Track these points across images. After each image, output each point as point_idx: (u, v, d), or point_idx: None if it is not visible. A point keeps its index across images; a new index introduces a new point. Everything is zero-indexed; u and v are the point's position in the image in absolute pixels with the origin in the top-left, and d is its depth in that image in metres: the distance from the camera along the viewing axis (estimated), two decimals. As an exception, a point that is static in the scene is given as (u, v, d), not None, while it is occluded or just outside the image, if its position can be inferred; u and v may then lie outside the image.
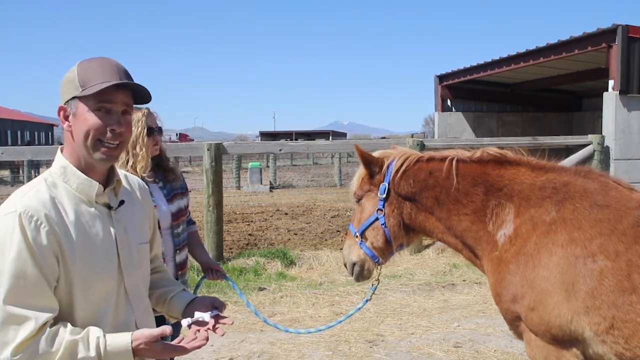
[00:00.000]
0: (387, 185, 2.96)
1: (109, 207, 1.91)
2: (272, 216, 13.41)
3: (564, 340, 2.44)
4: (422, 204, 2.93)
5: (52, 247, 1.71)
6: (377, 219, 3.01)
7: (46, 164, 20.23)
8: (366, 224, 3.05)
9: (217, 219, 8.27)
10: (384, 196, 2.97)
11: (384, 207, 2.98)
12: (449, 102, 15.96)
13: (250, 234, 10.95)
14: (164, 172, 3.31)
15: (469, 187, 2.80)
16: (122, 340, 1.74)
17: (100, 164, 1.85)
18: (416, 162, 2.95)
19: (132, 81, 1.87)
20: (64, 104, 1.84)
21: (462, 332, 5.60)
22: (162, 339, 1.81)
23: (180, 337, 1.88)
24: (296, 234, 10.98)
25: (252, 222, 12.53)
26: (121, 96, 1.84)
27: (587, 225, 2.46)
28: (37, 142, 52.63)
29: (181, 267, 3.30)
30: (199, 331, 1.93)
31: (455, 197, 2.82)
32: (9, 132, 50.58)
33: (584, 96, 16.66)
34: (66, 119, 1.84)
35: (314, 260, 8.50)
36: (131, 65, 1.91)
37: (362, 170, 3.11)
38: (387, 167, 2.99)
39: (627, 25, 9.38)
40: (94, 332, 1.73)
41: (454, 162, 2.85)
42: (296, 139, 44.77)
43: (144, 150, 3.07)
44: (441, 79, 15.84)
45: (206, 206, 8.27)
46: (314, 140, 31.56)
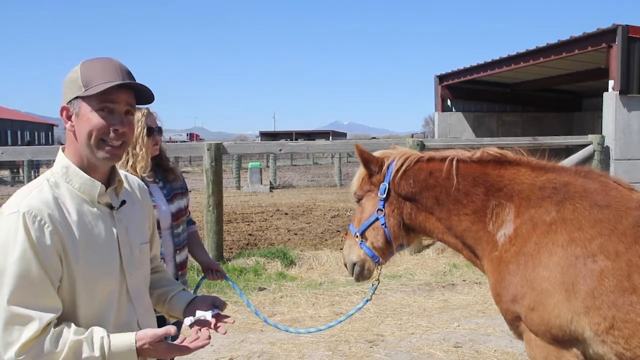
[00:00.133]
0: (387, 185, 2.97)
1: (111, 207, 1.91)
2: (272, 216, 13.41)
3: (564, 340, 2.44)
4: (422, 204, 2.93)
5: (56, 247, 1.71)
6: (377, 219, 3.01)
7: (46, 164, 20.21)
8: (366, 224, 3.05)
9: (217, 219, 8.28)
10: (384, 196, 2.97)
11: (384, 207, 2.98)
12: (449, 102, 15.97)
13: (250, 234, 10.95)
14: (164, 172, 3.31)
15: (469, 187, 2.80)
16: (126, 340, 1.75)
17: (103, 163, 1.86)
18: (416, 162, 2.95)
19: (135, 81, 1.87)
20: (67, 103, 1.84)
21: (462, 332, 5.60)
22: (165, 339, 1.81)
23: (182, 337, 1.88)
24: (296, 234, 10.98)
25: (252, 222, 12.53)
26: (124, 96, 1.84)
27: (587, 225, 2.46)
28: (37, 142, 52.59)
29: (181, 267, 3.30)
30: (200, 330, 1.93)
31: (455, 197, 2.82)
32: (9, 132, 50.54)
33: (584, 96, 16.66)
34: (69, 118, 1.84)
35: (314, 260, 8.50)
36: (131, 65, 1.92)
37: (362, 170, 3.11)
38: (387, 167, 2.99)
39: (627, 25, 9.38)
40: (98, 332, 1.74)
41: (454, 162, 2.85)
42: (296, 139, 44.77)
43: (143, 150, 3.07)
44: (441, 79, 15.84)
45: (206, 206, 8.28)
46: (314, 140, 31.55)
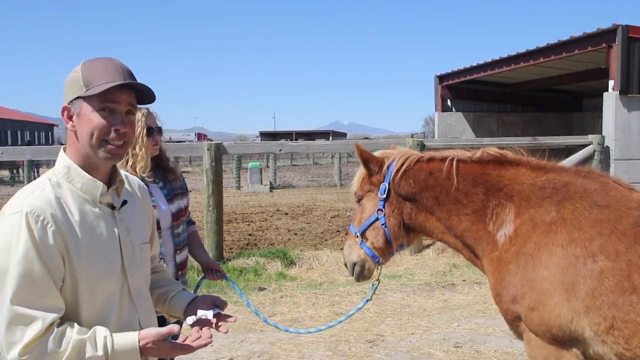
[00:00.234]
0: (387, 185, 2.97)
1: (113, 207, 1.91)
2: (272, 216, 13.41)
3: (564, 340, 2.44)
4: (422, 204, 2.93)
5: (59, 246, 1.71)
6: (377, 219, 3.01)
7: (46, 164, 20.22)
8: (366, 224, 3.05)
9: (217, 219, 8.28)
10: (384, 196, 2.97)
11: (384, 207, 2.98)
12: (449, 102, 15.97)
13: (250, 234, 10.95)
14: (163, 172, 3.30)
15: (469, 187, 2.80)
16: (129, 339, 1.75)
17: (104, 163, 1.86)
18: (416, 162, 2.95)
19: (136, 81, 1.87)
20: (68, 103, 1.84)
21: (462, 332, 5.60)
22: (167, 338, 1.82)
23: (183, 337, 1.88)
24: (296, 234, 10.98)
25: (252, 222, 12.53)
26: (125, 96, 1.84)
27: (587, 225, 2.46)
28: (37, 142, 52.58)
29: (181, 267, 3.30)
30: (201, 330, 1.94)
31: (455, 197, 2.82)
32: (9, 132, 50.53)
33: (584, 96, 16.67)
34: (70, 118, 1.84)
35: (314, 260, 8.50)
36: (131, 65, 1.92)
37: (362, 170, 3.11)
38: (388, 167, 2.99)
39: (627, 25, 9.38)
40: (101, 331, 1.74)
41: (454, 162, 2.85)
42: (296, 139, 44.79)
43: (143, 150, 3.07)
44: (441, 79, 15.85)
45: (206, 206, 8.28)
46: (314, 140, 31.56)
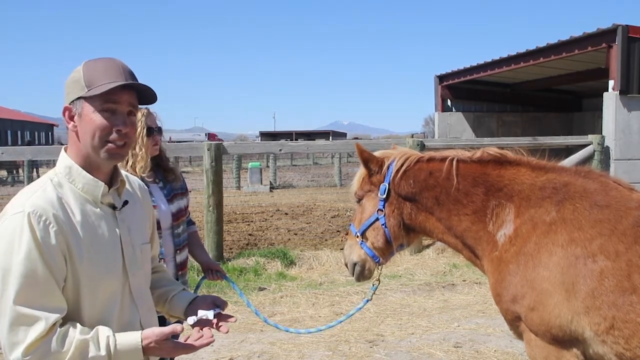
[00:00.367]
0: (387, 185, 2.97)
1: (114, 207, 1.91)
2: (272, 216, 13.41)
3: (564, 340, 2.44)
4: (422, 204, 2.93)
5: (61, 246, 1.71)
6: (377, 219, 3.01)
7: (46, 164, 20.21)
8: (367, 224, 3.06)
9: (217, 219, 8.28)
10: (384, 196, 2.97)
11: (384, 208, 2.98)
12: (449, 102, 15.97)
13: (250, 234, 10.95)
14: (163, 172, 3.31)
15: (469, 188, 2.80)
16: (132, 339, 1.75)
17: (106, 163, 1.86)
18: (416, 163, 2.95)
19: (138, 82, 1.87)
20: (69, 104, 1.84)
21: (462, 332, 5.60)
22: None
23: (184, 337, 1.89)
24: (296, 234, 10.98)
25: (252, 222, 12.53)
26: (126, 97, 1.84)
27: (587, 225, 2.46)
28: (37, 142, 52.57)
29: (181, 268, 3.30)
30: (202, 330, 1.94)
31: (455, 198, 2.82)
32: (9, 132, 50.53)
33: (584, 96, 16.67)
34: (71, 119, 1.84)
35: (314, 260, 8.51)
36: (131, 65, 1.92)
37: (362, 170, 3.12)
38: (388, 168, 3.00)
39: (627, 25, 9.38)
40: (104, 331, 1.74)
41: (454, 162, 2.85)
42: (296, 139, 44.78)
43: (143, 150, 3.07)
44: (441, 79, 15.85)
45: (206, 206, 8.28)
46: (314, 140, 31.55)
